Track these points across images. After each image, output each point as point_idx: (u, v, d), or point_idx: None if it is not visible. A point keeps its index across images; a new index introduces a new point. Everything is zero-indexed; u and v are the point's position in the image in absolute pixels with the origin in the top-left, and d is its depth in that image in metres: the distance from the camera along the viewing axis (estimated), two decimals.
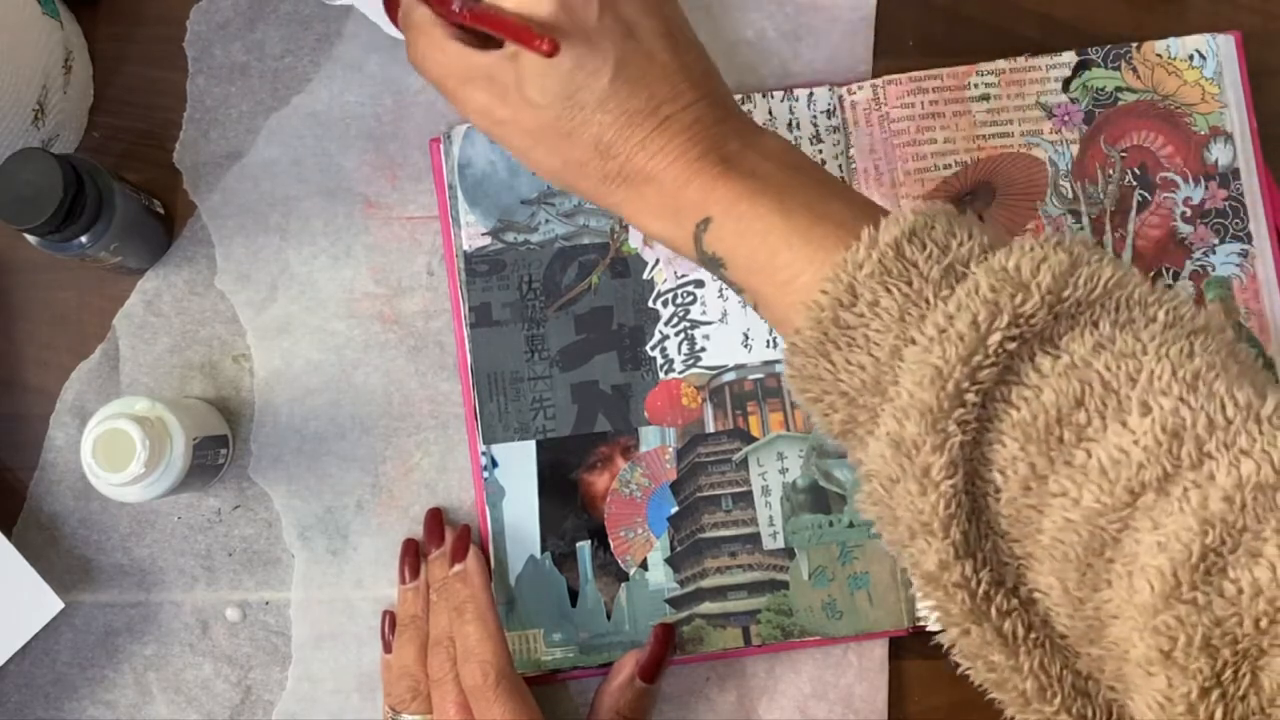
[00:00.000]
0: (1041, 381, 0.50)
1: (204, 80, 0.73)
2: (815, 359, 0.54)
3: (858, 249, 0.52)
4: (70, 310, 0.73)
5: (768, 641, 0.70)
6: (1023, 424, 0.49)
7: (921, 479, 0.50)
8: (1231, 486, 0.46)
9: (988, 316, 0.50)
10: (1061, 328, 0.51)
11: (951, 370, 0.49)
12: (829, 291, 0.52)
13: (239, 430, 0.72)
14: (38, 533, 0.72)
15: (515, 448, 0.71)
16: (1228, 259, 0.72)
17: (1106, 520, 0.48)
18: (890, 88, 0.72)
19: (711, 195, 0.57)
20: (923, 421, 0.50)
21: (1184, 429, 0.47)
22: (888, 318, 0.52)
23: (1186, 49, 0.72)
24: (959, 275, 0.52)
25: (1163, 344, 0.50)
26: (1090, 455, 0.48)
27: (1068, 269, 0.51)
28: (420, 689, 0.67)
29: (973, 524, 0.51)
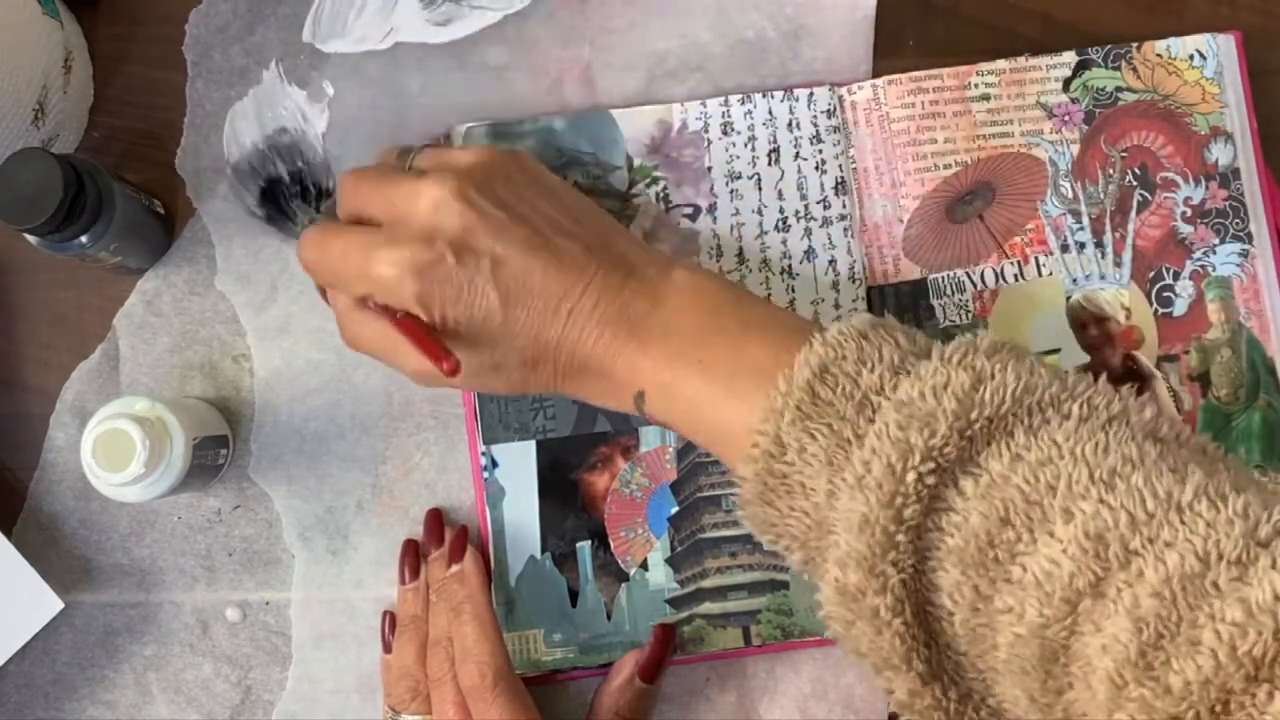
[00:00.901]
0: (966, 506, 0.51)
1: (203, 84, 0.73)
2: (761, 507, 0.56)
3: (775, 398, 0.54)
4: (70, 310, 0.73)
5: (768, 642, 0.70)
6: (958, 550, 0.51)
7: (873, 620, 0.52)
8: (1159, 582, 0.46)
9: (900, 457, 0.51)
10: (978, 446, 0.52)
11: (876, 517, 0.51)
12: (759, 445, 0.55)
13: (239, 430, 0.72)
14: (38, 533, 0.72)
15: (515, 448, 0.71)
16: (1228, 259, 0.72)
17: (1052, 631, 0.49)
18: (890, 88, 0.72)
19: (636, 372, 0.59)
20: (860, 569, 0.51)
21: (1107, 530, 0.48)
22: (816, 464, 0.54)
23: (1187, 49, 0.72)
24: (873, 407, 0.53)
25: (1076, 443, 0.50)
26: (1025, 570, 0.49)
27: (971, 388, 0.52)
28: (420, 689, 0.67)
29: (933, 650, 0.52)
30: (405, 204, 0.60)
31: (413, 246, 0.59)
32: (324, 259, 0.62)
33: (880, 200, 0.72)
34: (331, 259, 0.62)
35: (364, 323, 0.62)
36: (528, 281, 0.60)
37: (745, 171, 0.72)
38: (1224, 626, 0.45)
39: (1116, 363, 0.71)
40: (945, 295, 0.71)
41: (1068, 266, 0.72)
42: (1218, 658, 0.45)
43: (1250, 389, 0.71)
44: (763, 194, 0.72)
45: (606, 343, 0.60)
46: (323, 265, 0.62)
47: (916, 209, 0.72)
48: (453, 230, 0.59)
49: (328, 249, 0.62)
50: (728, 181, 0.72)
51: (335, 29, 0.74)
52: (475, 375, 0.62)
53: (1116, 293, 0.72)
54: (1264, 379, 0.71)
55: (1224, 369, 0.71)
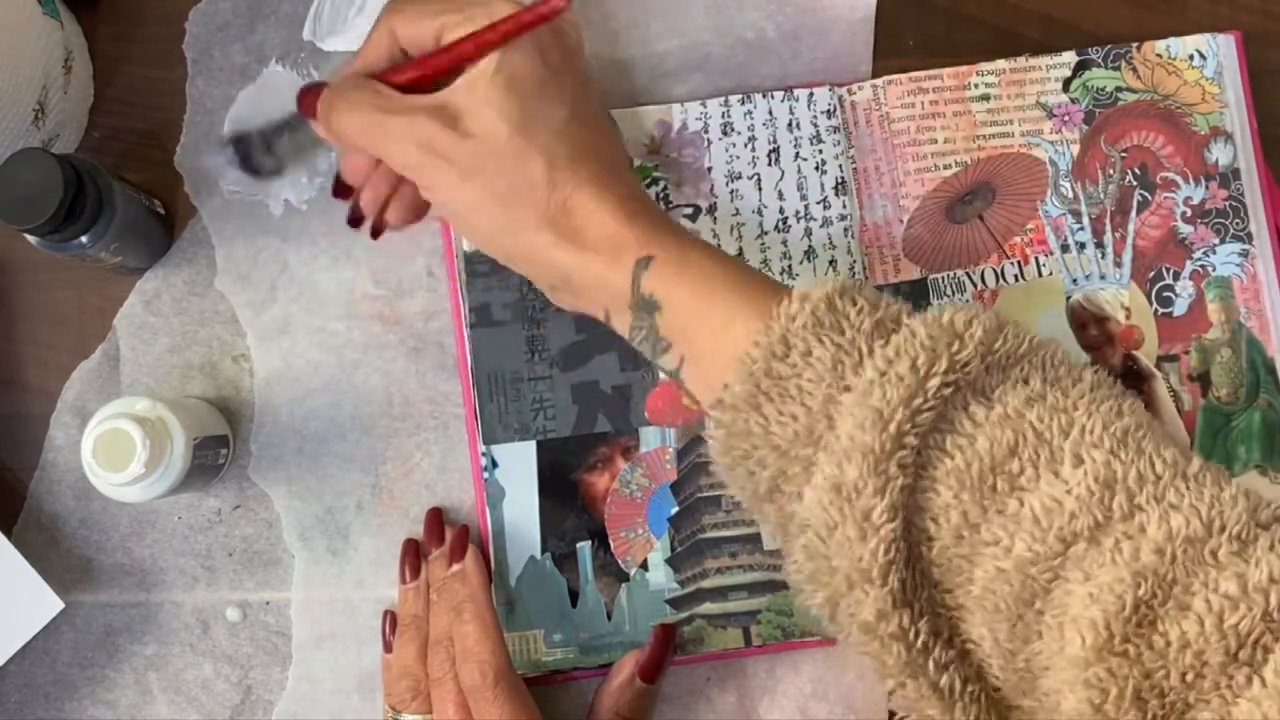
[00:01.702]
0: (976, 430, 0.50)
1: (203, 83, 0.73)
2: (746, 413, 0.54)
3: (790, 301, 0.53)
4: (70, 310, 0.73)
5: (768, 642, 0.70)
6: (957, 471, 0.50)
7: (862, 523, 0.50)
8: (1163, 539, 0.47)
9: (927, 360, 0.51)
10: (994, 379, 0.52)
11: (893, 412, 0.50)
12: (761, 342, 0.53)
13: (239, 430, 0.72)
14: (38, 533, 0.72)
15: (515, 448, 0.71)
16: (1228, 259, 0.72)
17: (1038, 569, 0.48)
18: (890, 88, 0.72)
19: (656, 236, 0.57)
20: (864, 464, 0.50)
21: (1116, 480, 0.48)
22: (820, 367, 0.52)
23: (1186, 49, 0.72)
24: (890, 328, 0.53)
25: (1093, 401, 0.51)
26: (1023, 504, 0.49)
27: (996, 325, 0.52)
28: (420, 689, 0.67)
29: (910, 572, 0.51)
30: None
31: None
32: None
33: (880, 200, 0.72)
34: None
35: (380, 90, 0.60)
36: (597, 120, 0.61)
37: (745, 172, 0.72)
38: (1216, 597, 0.45)
39: (1116, 363, 0.71)
40: (945, 295, 0.71)
41: (1068, 266, 0.72)
42: (1204, 625, 0.45)
43: (1250, 389, 0.71)
44: (763, 194, 0.72)
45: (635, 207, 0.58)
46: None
47: (916, 209, 0.72)
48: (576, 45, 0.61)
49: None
50: (728, 181, 0.72)
51: (335, 26, 0.74)
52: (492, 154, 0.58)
53: (1116, 293, 0.72)
54: (1264, 379, 0.71)
55: (1224, 369, 0.71)
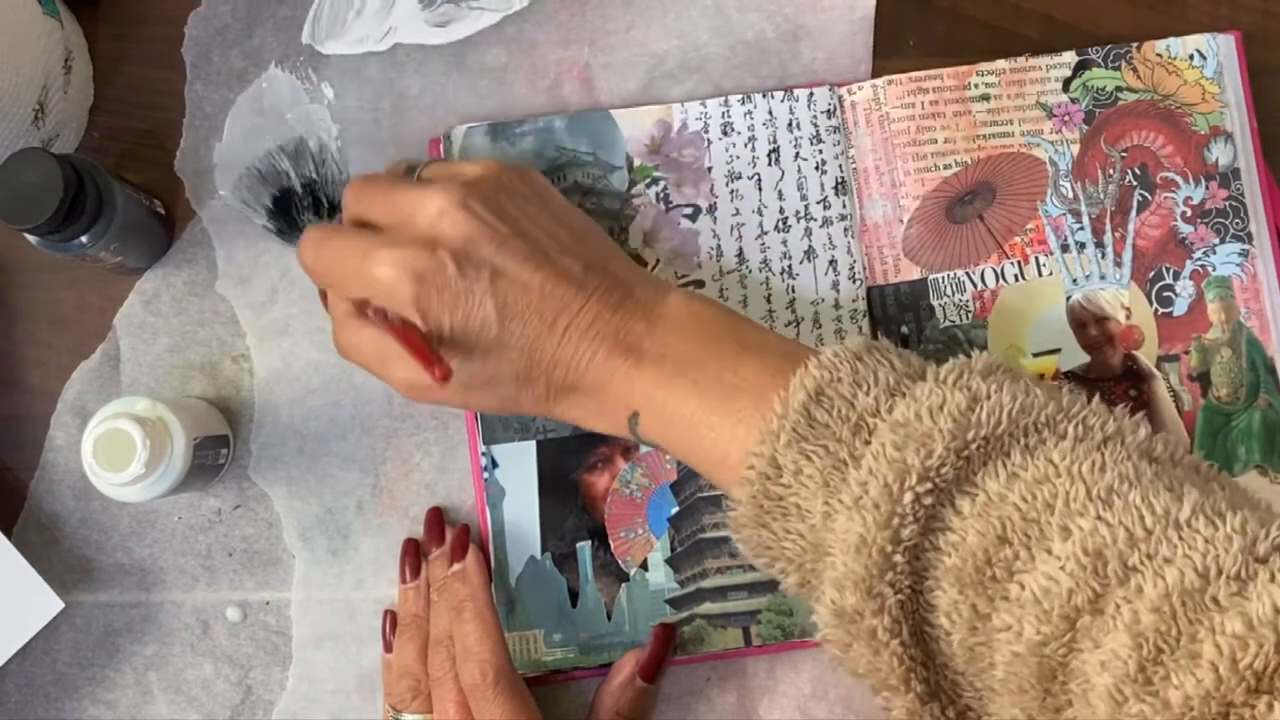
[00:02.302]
0: (964, 525, 0.51)
1: (202, 87, 0.73)
2: (756, 530, 0.56)
3: (772, 420, 0.54)
4: (70, 310, 0.73)
5: (768, 642, 0.70)
6: (955, 570, 0.51)
7: (871, 641, 0.52)
8: (1159, 597, 0.47)
9: (897, 478, 0.51)
10: (975, 466, 0.52)
11: (874, 537, 0.51)
12: (755, 467, 0.55)
13: (239, 430, 0.72)
14: (38, 533, 0.72)
15: (515, 448, 0.71)
16: (1228, 259, 0.72)
17: (1051, 649, 0.49)
18: (890, 88, 0.72)
19: (631, 391, 0.59)
20: (858, 590, 0.51)
21: (1106, 546, 0.48)
22: (813, 485, 0.54)
23: (1186, 49, 0.72)
24: (869, 429, 0.53)
25: (1073, 462, 0.51)
26: (1024, 588, 0.49)
27: (967, 408, 0.52)
28: (421, 688, 0.67)
29: (930, 669, 0.52)
30: (409, 209, 0.61)
31: (413, 249, 0.59)
32: (323, 257, 0.62)
33: (880, 200, 0.72)
34: (330, 258, 0.62)
35: (358, 330, 0.62)
36: (526, 295, 0.60)
37: (745, 172, 0.72)
38: (1224, 640, 0.45)
39: (1116, 363, 0.71)
40: (945, 295, 0.71)
41: (1068, 266, 0.72)
42: (1218, 671, 0.45)
43: (1250, 389, 0.71)
44: (763, 194, 0.72)
45: (601, 361, 0.60)
46: (321, 264, 0.62)
47: (916, 209, 0.72)
48: (455, 239, 0.59)
49: (327, 247, 0.62)
50: (728, 182, 0.72)
51: (334, 30, 0.74)
52: (466, 389, 0.62)
53: (1116, 293, 0.72)
54: (1264, 379, 0.71)
55: (1224, 369, 0.71)
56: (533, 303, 0.60)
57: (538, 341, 0.60)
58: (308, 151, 0.72)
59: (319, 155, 0.72)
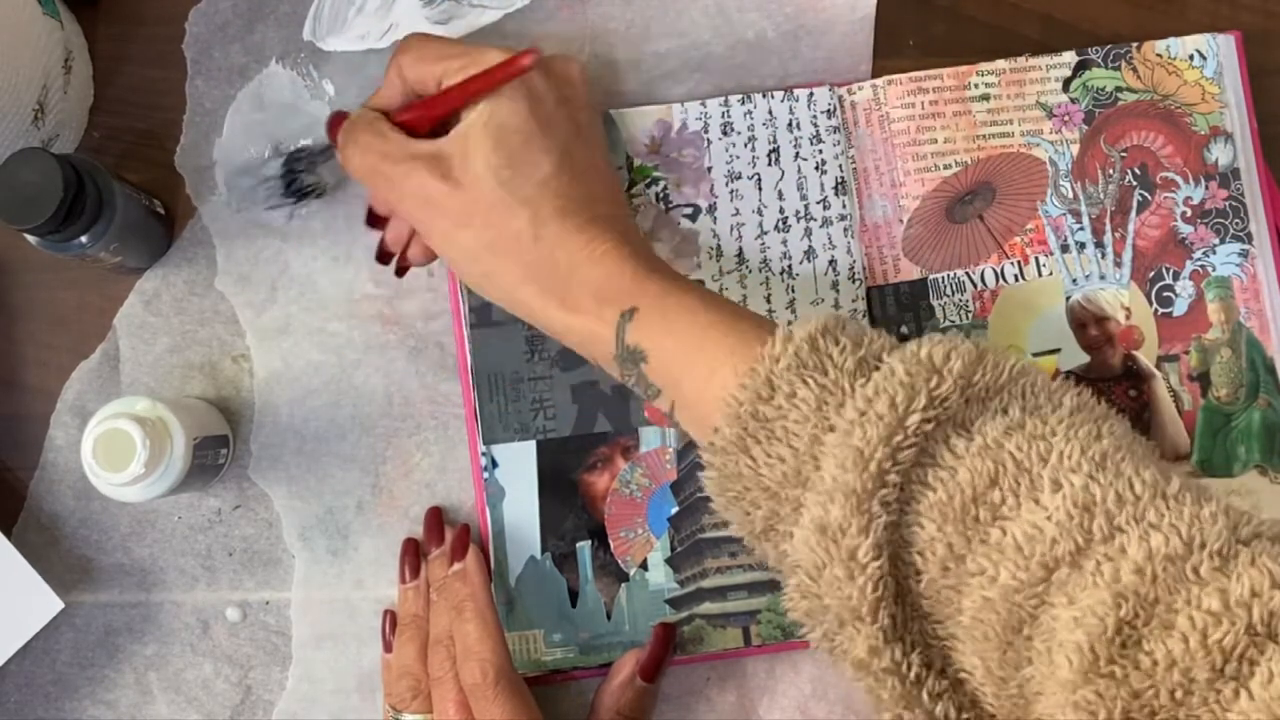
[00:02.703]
0: (956, 462, 0.51)
1: (203, 83, 0.73)
2: (736, 456, 0.55)
3: (774, 343, 0.54)
4: (70, 310, 0.73)
5: (768, 641, 0.70)
6: (940, 504, 0.51)
7: (848, 562, 0.51)
8: (1142, 558, 0.47)
9: (905, 398, 0.51)
10: (973, 412, 0.52)
11: (873, 451, 0.51)
12: (747, 385, 0.54)
13: (239, 430, 0.72)
14: (38, 533, 0.72)
15: (515, 448, 0.71)
16: (1228, 259, 0.72)
17: (1023, 597, 0.49)
18: (890, 88, 0.72)
19: (640, 287, 0.59)
20: (847, 504, 0.51)
21: (1095, 504, 0.49)
22: (805, 408, 0.53)
23: (1186, 49, 0.72)
24: (873, 366, 0.54)
25: (1070, 426, 0.51)
26: (1005, 533, 0.49)
27: (975, 357, 0.53)
28: (421, 688, 0.67)
29: (900, 607, 0.52)
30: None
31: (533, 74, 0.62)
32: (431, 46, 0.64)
33: (880, 200, 0.72)
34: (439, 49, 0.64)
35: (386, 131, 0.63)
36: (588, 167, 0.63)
37: (745, 171, 0.72)
38: (1199, 614, 0.45)
39: (1116, 363, 0.71)
40: (945, 295, 0.71)
41: (1068, 266, 0.72)
42: (1188, 643, 0.45)
43: (1250, 389, 0.71)
44: (763, 194, 0.72)
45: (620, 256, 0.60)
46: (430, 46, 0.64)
47: (916, 209, 0.72)
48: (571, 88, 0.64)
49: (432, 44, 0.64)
50: (728, 181, 0.72)
51: (335, 26, 0.74)
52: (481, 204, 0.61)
53: (1116, 293, 0.72)
54: (1264, 379, 0.71)
55: (1224, 369, 0.71)
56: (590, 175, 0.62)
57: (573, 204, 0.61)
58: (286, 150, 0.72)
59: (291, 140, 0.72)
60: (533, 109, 0.61)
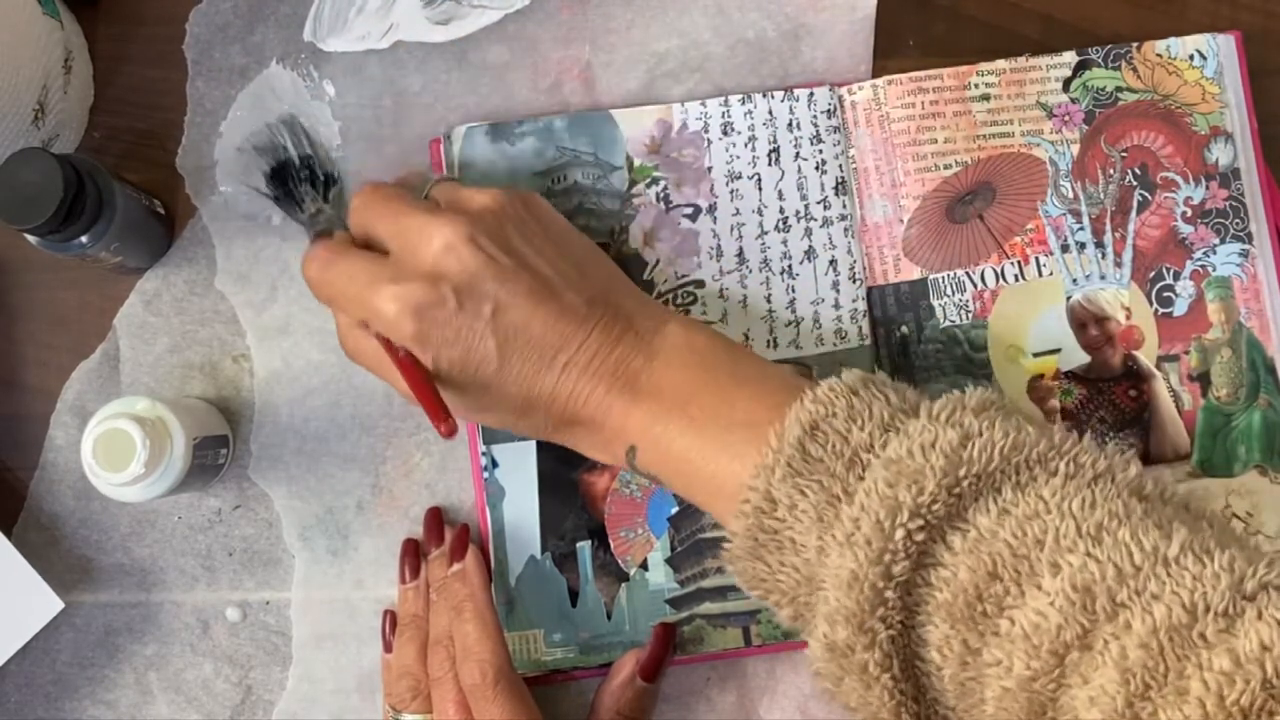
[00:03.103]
0: (955, 561, 0.51)
1: (203, 83, 0.73)
2: (751, 562, 0.57)
3: (767, 454, 0.55)
4: (70, 310, 0.73)
5: (768, 641, 0.70)
6: (946, 605, 0.51)
7: (862, 675, 0.52)
8: (1147, 633, 0.47)
9: (889, 514, 0.52)
10: (966, 502, 0.52)
11: (865, 573, 0.51)
12: (750, 501, 0.55)
13: (239, 430, 0.72)
14: (38, 533, 0.72)
15: (515, 448, 0.71)
16: (1228, 259, 0.72)
17: (1040, 684, 0.49)
18: (890, 88, 0.72)
19: (627, 425, 0.60)
20: (849, 625, 0.52)
21: (1095, 583, 0.49)
22: (807, 520, 0.54)
23: (1187, 49, 0.72)
24: (863, 465, 0.54)
25: (1064, 499, 0.51)
26: (1014, 623, 0.50)
27: (959, 445, 0.52)
28: (420, 688, 0.67)
29: (921, 704, 0.53)
30: (415, 239, 0.61)
31: (417, 285, 0.60)
32: (327, 279, 0.63)
33: (880, 200, 0.72)
34: (335, 281, 0.63)
35: (364, 339, 0.63)
36: (527, 331, 0.60)
37: (745, 171, 0.72)
38: (1211, 676, 0.45)
39: (1116, 363, 0.71)
40: (945, 295, 0.71)
41: (1068, 266, 0.72)
42: (1205, 707, 0.45)
43: (1250, 389, 0.71)
44: (763, 194, 0.72)
45: (600, 397, 0.61)
46: (325, 285, 0.63)
47: (917, 209, 0.72)
48: (458, 274, 0.60)
49: (332, 270, 0.63)
50: (728, 181, 0.72)
51: (336, 27, 0.74)
52: (467, 413, 0.63)
53: (1116, 293, 0.72)
54: (1264, 379, 0.71)
55: (1224, 369, 0.71)
56: (533, 339, 0.60)
57: (536, 377, 0.61)
58: (301, 128, 0.72)
59: (312, 132, 0.72)
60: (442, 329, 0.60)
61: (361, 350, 0.63)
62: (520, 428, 0.64)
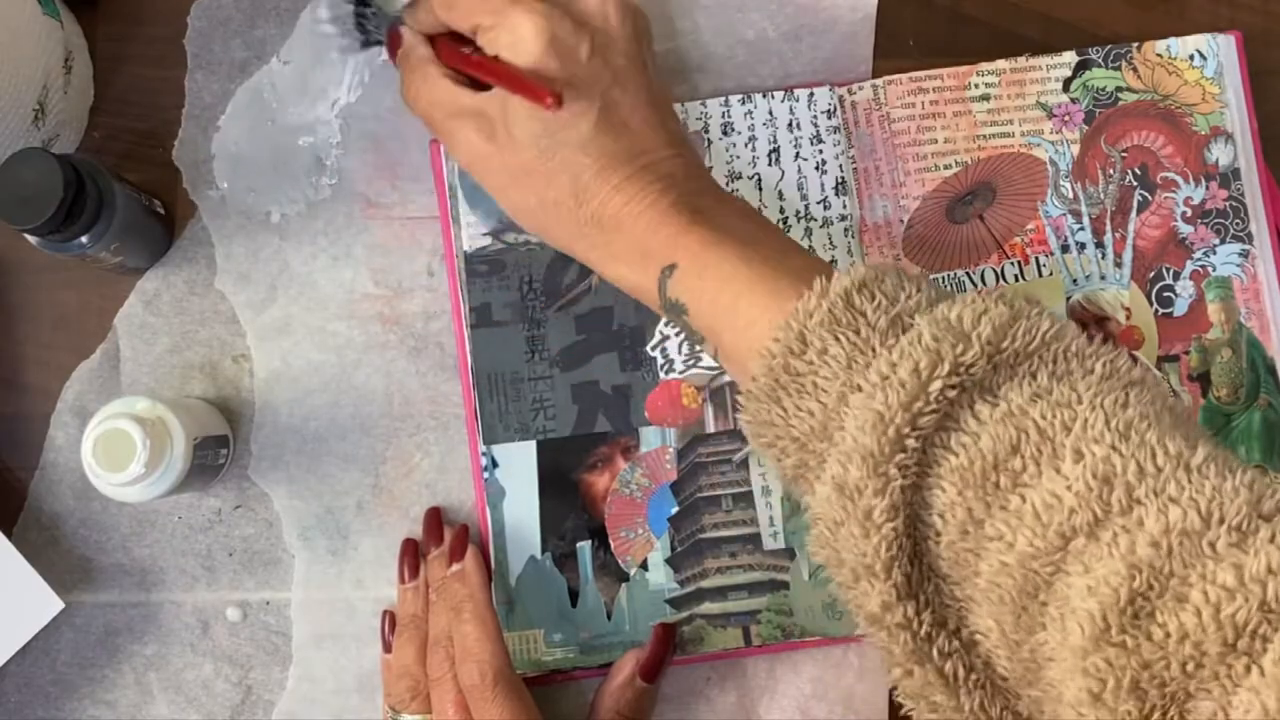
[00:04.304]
0: (980, 428, 0.51)
1: (202, 76, 0.73)
2: (768, 405, 0.55)
3: (809, 298, 0.54)
4: (70, 310, 0.73)
5: (768, 642, 0.70)
6: (961, 469, 0.51)
7: (864, 521, 0.51)
8: (1159, 532, 0.47)
9: (929, 364, 0.51)
10: (1001, 377, 0.52)
11: (893, 416, 0.51)
12: (780, 339, 0.54)
13: (239, 430, 0.72)
14: (38, 533, 0.72)
15: (515, 448, 0.71)
16: (1228, 259, 0.72)
17: (1039, 564, 0.49)
18: (890, 88, 0.72)
19: (679, 242, 0.59)
20: (865, 465, 0.51)
21: (1115, 475, 0.48)
22: (835, 365, 0.53)
23: (1187, 49, 0.72)
24: (905, 325, 0.53)
25: (1098, 394, 0.51)
26: (1025, 500, 0.49)
27: (1007, 321, 0.52)
28: (420, 689, 0.67)
29: (915, 566, 0.52)
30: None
31: (563, 18, 0.60)
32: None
33: (880, 200, 0.72)
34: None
35: (437, 80, 0.62)
36: (629, 116, 0.61)
37: (746, 171, 0.72)
38: (1213, 588, 0.45)
39: None
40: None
41: (1068, 267, 0.72)
42: (1201, 616, 0.45)
43: (1250, 389, 0.71)
44: (763, 194, 0.72)
45: (661, 209, 0.60)
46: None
47: (917, 209, 0.72)
48: (604, 31, 0.61)
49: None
50: (728, 181, 0.72)
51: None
52: (524, 169, 0.61)
53: (1117, 293, 0.72)
54: (1264, 379, 0.71)
55: (1224, 369, 0.71)
56: (630, 127, 0.60)
57: (614, 161, 0.60)
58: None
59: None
60: (564, 67, 0.60)
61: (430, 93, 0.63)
62: (561, 214, 0.61)
